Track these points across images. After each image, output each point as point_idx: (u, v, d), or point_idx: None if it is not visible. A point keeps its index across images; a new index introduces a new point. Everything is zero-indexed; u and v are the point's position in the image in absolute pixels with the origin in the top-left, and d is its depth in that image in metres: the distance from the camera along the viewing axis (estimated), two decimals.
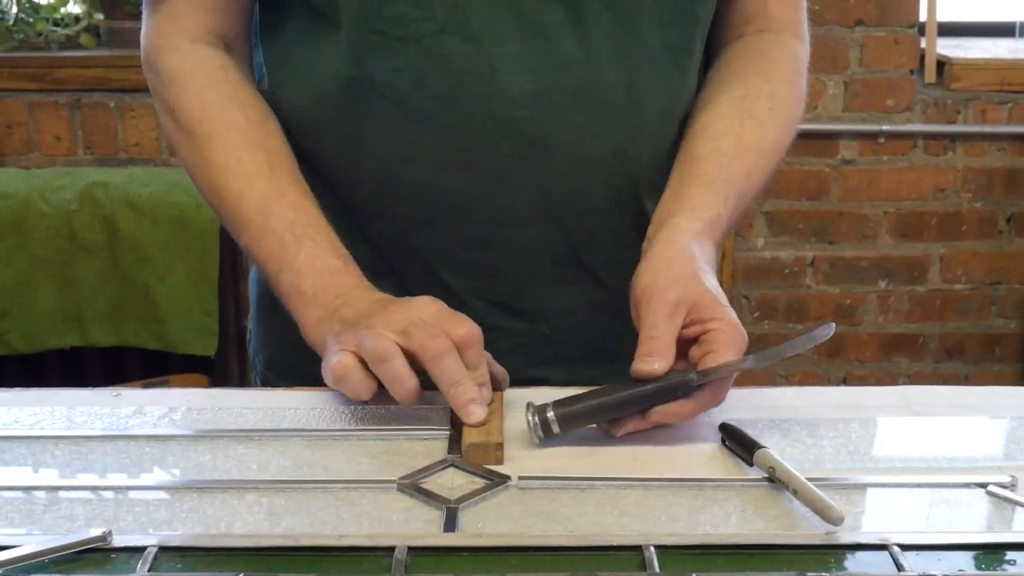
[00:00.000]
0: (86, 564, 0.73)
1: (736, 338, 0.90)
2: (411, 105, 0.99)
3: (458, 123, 0.99)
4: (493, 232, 1.03)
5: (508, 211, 1.02)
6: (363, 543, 0.75)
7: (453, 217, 1.03)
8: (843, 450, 0.91)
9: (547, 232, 1.03)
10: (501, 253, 1.04)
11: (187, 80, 1.02)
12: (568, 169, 1.01)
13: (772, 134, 1.04)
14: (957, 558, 0.75)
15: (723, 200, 0.99)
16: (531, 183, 1.01)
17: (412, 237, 1.04)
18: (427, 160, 1.01)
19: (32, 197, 2.25)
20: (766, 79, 1.06)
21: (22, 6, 2.49)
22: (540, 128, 0.99)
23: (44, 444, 0.90)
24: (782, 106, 1.06)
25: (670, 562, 0.73)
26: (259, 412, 0.96)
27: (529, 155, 1.00)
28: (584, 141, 1.01)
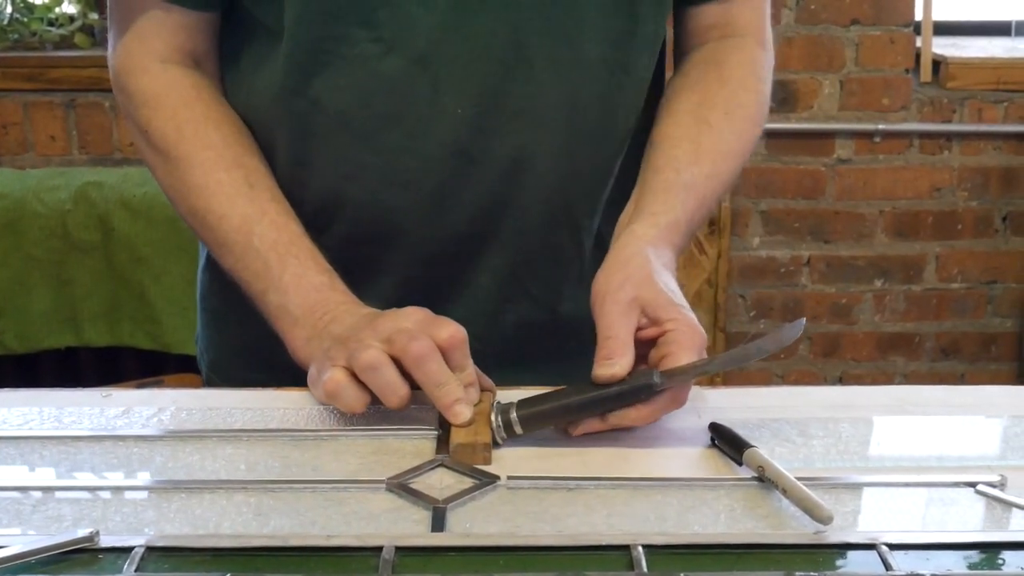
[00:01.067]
0: (73, 564, 0.73)
1: (694, 338, 0.90)
2: (354, 124, 1.00)
3: (400, 143, 1.00)
4: (436, 249, 1.05)
5: (449, 228, 1.04)
6: (351, 543, 0.75)
7: (395, 235, 1.04)
8: (833, 450, 0.91)
9: (487, 247, 1.05)
10: (444, 268, 1.06)
11: (159, 102, 1.02)
12: (507, 186, 1.03)
13: (729, 138, 1.04)
14: (946, 557, 0.75)
15: (680, 204, 0.99)
16: (471, 201, 1.03)
17: (357, 253, 1.05)
18: (369, 179, 1.02)
19: (27, 197, 2.25)
20: (722, 84, 1.07)
21: (16, 6, 2.49)
22: (480, 148, 1.01)
23: (32, 445, 0.90)
24: (740, 111, 1.06)
25: (658, 562, 0.73)
26: (248, 412, 0.96)
27: (468, 172, 1.01)
28: (523, 159, 1.02)
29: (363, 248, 1.05)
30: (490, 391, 0.94)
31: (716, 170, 1.03)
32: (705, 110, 1.05)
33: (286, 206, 1.01)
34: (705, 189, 1.02)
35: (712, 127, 1.04)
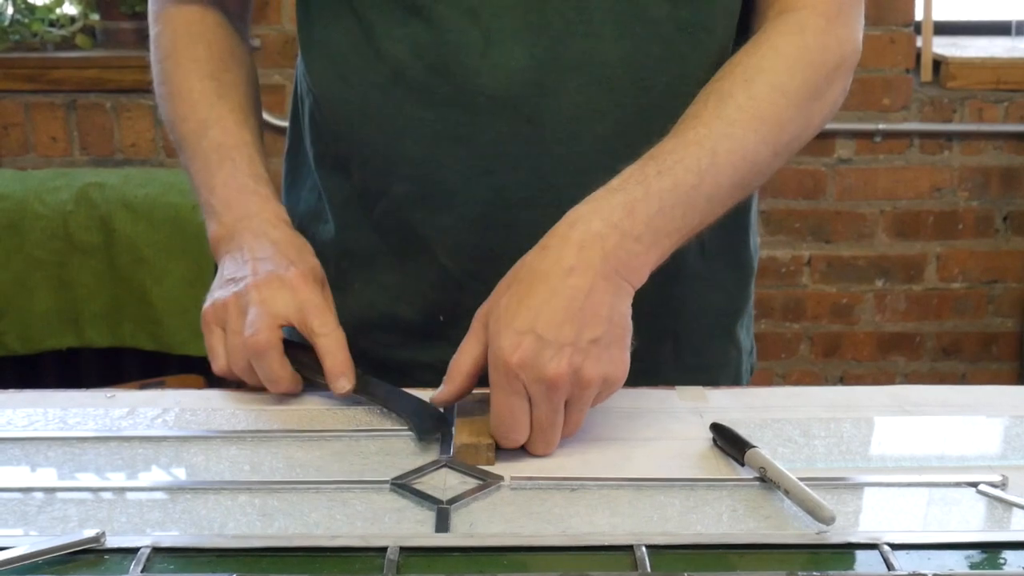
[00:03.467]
0: (80, 565, 0.73)
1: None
2: (408, 75, 0.99)
3: (452, 96, 0.98)
4: (489, 213, 1.00)
5: (504, 191, 1.00)
6: (356, 543, 0.75)
7: (449, 196, 1.01)
8: (835, 450, 0.91)
9: (544, 215, 0.96)
10: (497, 235, 1.01)
11: (169, 21, 1.09)
12: (565, 149, 0.98)
13: (744, 103, 0.93)
14: (947, 557, 0.75)
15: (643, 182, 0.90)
16: (527, 163, 0.99)
17: (411, 217, 1.03)
18: (424, 134, 1.00)
19: (28, 198, 2.25)
20: (749, 54, 0.97)
21: (18, 7, 2.49)
22: (535, 104, 0.97)
23: (37, 445, 0.91)
24: (764, 76, 0.95)
25: (661, 562, 0.74)
26: (252, 413, 0.96)
27: (524, 132, 0.98)
28: (582, 119, 0.98)
29: (418, 212, 1.02)
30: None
31: (715, 138, 0.92)
32: (722, 81, 0.96)
33: (245, 117, 1.06)
34: (689, 154, 0.91)
35: (721, 95, 0.94)
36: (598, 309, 0.85)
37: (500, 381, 0.85)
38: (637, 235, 0.88)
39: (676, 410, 0.98)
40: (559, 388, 0.84)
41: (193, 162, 1.05)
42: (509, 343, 0.84)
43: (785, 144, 0.97)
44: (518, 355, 0.83)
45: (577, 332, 0.84)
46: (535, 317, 0.84)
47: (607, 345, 0.85)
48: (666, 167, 0.90)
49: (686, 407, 0.99)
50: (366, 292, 1.08)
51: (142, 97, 2.47)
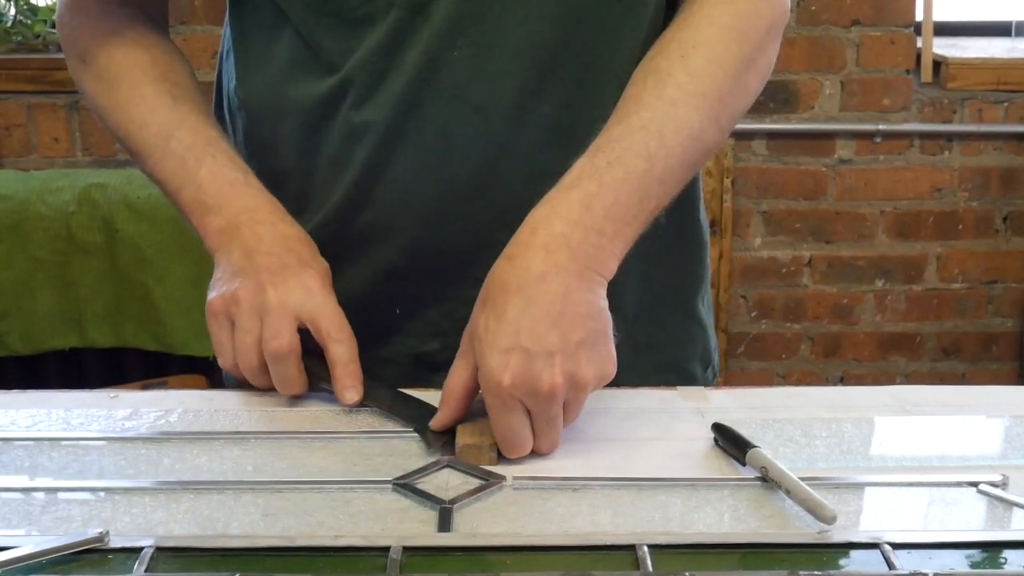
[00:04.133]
0: (83, 565, 0.74)
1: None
2: (357, 83, 0.98)
3: (401, 94, 0.98)
4: (440, 206, 1.00)
5: (455, 183, 0.99)
6: (359, 543, 0.75)
7: (397, 192, 1.00)
8: (836, 449, 0.91)
9: (499, 202, 0.98)
10: (450, 227, 1.00)
11: (97, 31, 1.06)
12: (513, 134, 0.98)
13: (682, 80, 0.92)
14: (948, 557, 0.75)
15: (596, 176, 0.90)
16: (475, 151, 0.98)
17: (357, 219, 1.02)
18: (373, 136, 0.99)
19: (30, 199, 2.25)
20: (681, 28, 0.96)
21: (20, 8, 2.50)
22: (480, 91, 0.97)
23: (41, 446, 0.91)
24: (699, 50, 0.94)
25: (663, 561, 0.74)
26: (255, 414, 0.97)
27: (471, 120, 0.97)
28: (527, 103, 0.98)
29: (368, 213, 1.02)
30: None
31: (655, 117, 0.91)
32: (658, 59, 0.94)
33: (206, 116, 1.04)
34: (636, 139, 0.91)
35: (659, 73, 0.93)
36: (577, 309, 0.85)
37: (495, 403, 0.84)
38: (599, 228, 0.88)
39: (678, 410, 0.99)
40: (556, 397, 0.84)
41: (163, 165, 1.02)
42: (497, 364, 0.83)
43: (727, 117, 0.96)
44: (509, 374, 0.83)
45: (563, 337, 0.84)
46: (517, 331, 0.84)
47: (593, 344, 0.85)
48: (615, 156, 0.90)
49: (687, 407, 0.99)
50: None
51: None
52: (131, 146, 1.05)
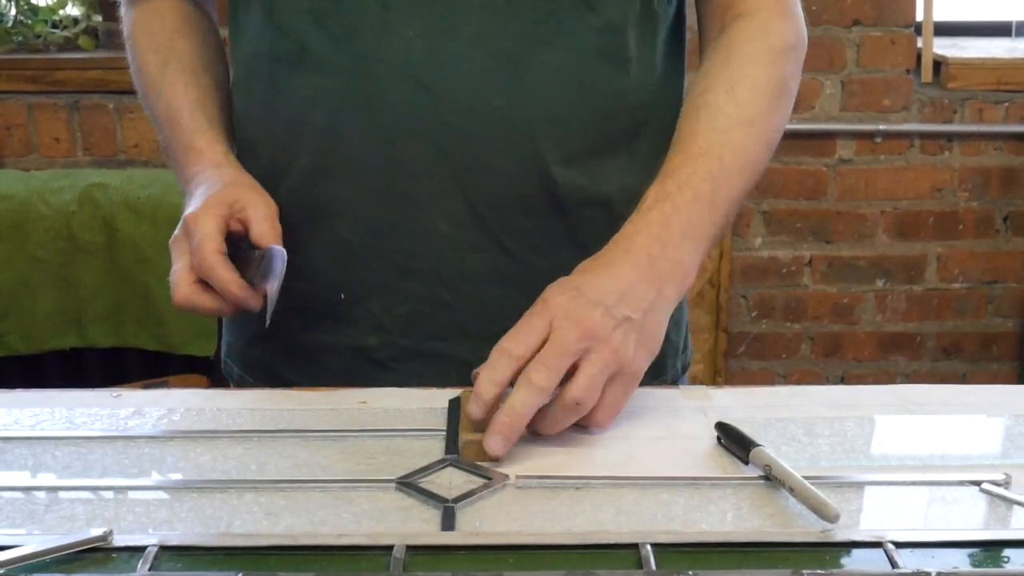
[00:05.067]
0: (87, 564, 0.74)
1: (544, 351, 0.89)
2: (312, 46, 1.01)
3: (353, 65, 1.00)
4: (390, 184, 1.01)
5: (404, 162, 1.01)
6: (362, 542, 0.75)
7: (351, 166, 1.02)
8: (839, 448, 0.92)
9: (444, 188, 1.01)
10: (398, 207, 1.02)
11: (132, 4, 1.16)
12: (462, 120, 0.99)
13: (731, 111, 1.01)
14: (951, 555, 0.75)
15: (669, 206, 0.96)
16: (425, 133, 1.00)
17: (314, 191, 1.04)
18: (328, 104, 1.01)
19: (31, 199, 2.25)
20: (725, 64, 1.04)
21: (21, 8, 2.50)
22: (432, 73, 0.98)
23: (44, 445, 0.91)
24: (745, 82, 1.03)
25: (666, 560, 0.74)
26: (257, 413, 0.97)
27: (422, 102, 0.99)
28: (478, 91, 0.99)
29: (322, 183, 1.04)
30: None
31: (712, 146, 0.99)
32: (707, 95, 1.02)
33: (195, 77, 1.09)
34: (699, 165, 0.98)
35: (710, 108, 1.01)
36: (659, 320, 0.93)
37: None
38: (677, 244, 0.95)
39: (681, 409, 0.99)
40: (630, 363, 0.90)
41: (160, 136, 1.10)
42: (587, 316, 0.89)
43: (772, 138, 1.05)
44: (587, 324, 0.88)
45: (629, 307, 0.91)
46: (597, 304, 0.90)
47: (654, 346, 0.93)
48: (683, 180, 0.97)
49: (690, 406, 0.99)
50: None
51: None
52: (148, 113, 1.13)
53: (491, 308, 1.03)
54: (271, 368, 1.12)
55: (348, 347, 1.04)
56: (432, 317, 1.04)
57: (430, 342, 1.04)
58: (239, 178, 1.01)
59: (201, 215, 0.96)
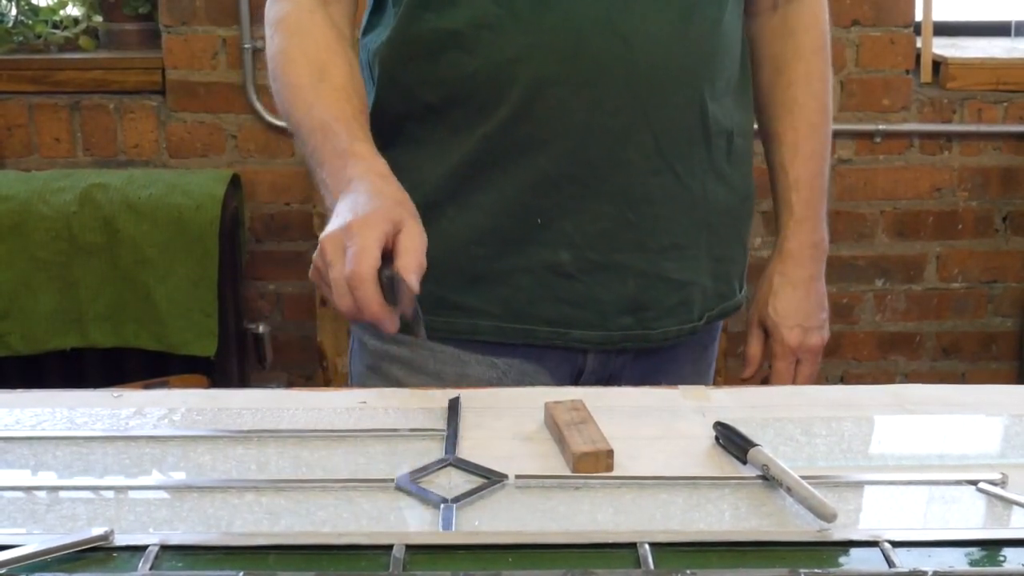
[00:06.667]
0: (88, 563, 0.74)
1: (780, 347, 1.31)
2: (517, 7, 1.10)
3: (558, 23, 1.10)
4: (589, 121, 1.12)
5: (603, 103, 1.12)
6: (362, 541, 0.76)
7: (554, 109, 1.12)
8: (836, 448, 0.92)
9: (635, 122, 1.13)
10: (595, 141, 1.13)
11: (281, 21, 1.18)
12: (651, 64, 1.12)
13: (814, 106, 1.27)
14: (947, 554, 0.76)
15: (798, 202, 1.30)
16: (622, 77, 1.12)
17: (515, 133, 1.13)
18: (535, 59, 1.11)
19: (32, 199, 2.26)
20: (799, 58, 1.27)
21: (21, 8, 2.50)
22: (628, 26, 1.11)
23: (46, 445, 0.91)
24: (816, 74, 1.27)
25: (665, 559, 0.74)
26: (258, 413, 0.97)
27: (620, 50, 1.11)
28: (663, 39, 1.13)
29: (523, 127, 1.12)
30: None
31: (814, 143, 1.28)
32: (792, 90, 1.27)
33: (347, 95, 1.12)
34: (811, 167, 1.28)
35: (799, 104, 1.27)
36: (823, 301, 1.31)
37: (787, 358, 1.29)
38: (823, 234, 1.32)
39: (679, 409, 0.99)
40: (820, 351, 1.30)
41: (307, 144, 1.11)
42: (787, 334, 1.28)
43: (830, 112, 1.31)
44: (795, 340, 1.28)
45: (820, 320, 1.30)
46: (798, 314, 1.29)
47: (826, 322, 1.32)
48: (807, 174, 1.29)
49: (689, 406, 1.00)
50: (462, 215, 1.15)
51: (146, 98, 2.48)
52: (290, 126, 1.16)
53: (663, 225, 1.18)
54: (444, 298, 1.16)
55: (541, 264, 1.15)
56: (618, 233, 1.16)
57: (614, 255, 1.16)
58: (403, 199, 1.04)
59: (368, 226, 0.97)
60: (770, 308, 1.29)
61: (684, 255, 1.20)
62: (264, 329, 2.51)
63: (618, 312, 1.17)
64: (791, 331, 1.27)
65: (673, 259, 1.19)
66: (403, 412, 0.97)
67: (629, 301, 1.18)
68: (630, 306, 1.18)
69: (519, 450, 0.91)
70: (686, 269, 1.20)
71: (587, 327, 1.17)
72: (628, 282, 1.17)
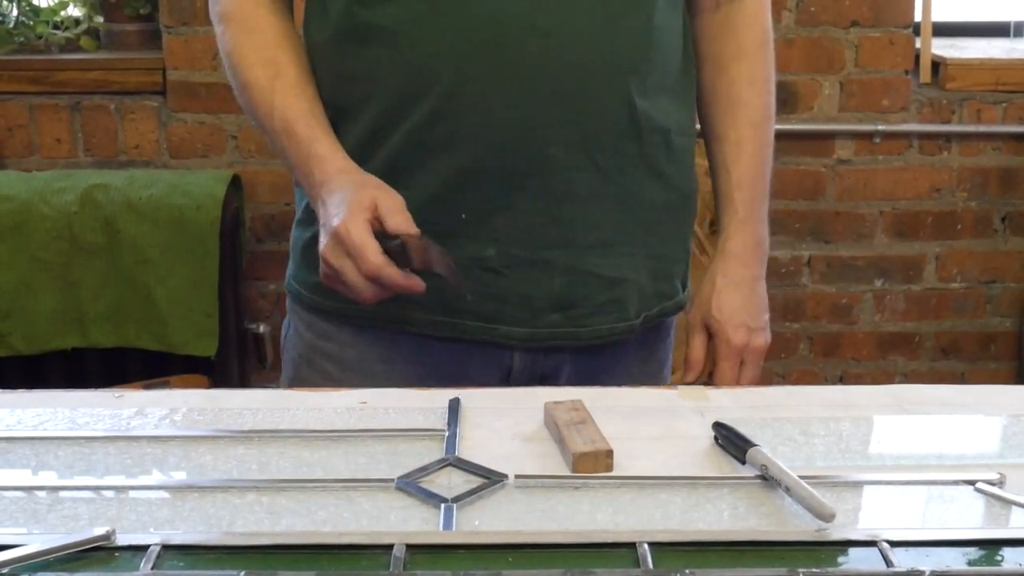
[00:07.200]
0: (90, 562, 0.74)
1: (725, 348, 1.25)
2: (440, 4, 1.11)
3: (482, 20, 1.11)
4: (512, 117, 1.13)
5: (527, 99, 1.12)
6: (362, 541, 0.76)
7: (476, 105, 1.13)
8: (834, 448, 0.92)
9: (559, 118, 1.13)
10: (518, 137, 1.13)
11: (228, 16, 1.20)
12: (576, 59, 1.13)
13: (757, 103, 1.26)
14: (945, 554, 0.76)
15: (741, 202, 1.25)
16: (545, 73, 1.12)
17: (438, 128, 1.14)
18: (455, 56, 1.12)
19: (33, 199, 2.26)
20: (741, 57, 1.26)
21: (22, 9, 2.50)
22: (551, 21, 1.11)
23: (47, 445, 0.92)
24: (758, 72, 1.26)
25: (664, 559, 0.75)
26: (259, 413, 0.97)
27: (543, 46, 1.11)
28: (587, 34, 1.12)
29: (445, 122, 1.13)
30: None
31: (757, 143, 1.26)
32: (734, 89, 1.25)
33: (301, 89, 1.15)
34: (754, 166, 1.25)
35: (741, 103, 1.25)
36: (765, 302, 1.27)
37: (731, 358, 1.23)
38: (765, 233, 1.27)
39: (678, 409, 1.00)
40: (763, 352, 1.25)
41: (275, 144, 1.16)
42: (732, 334, 1.23)
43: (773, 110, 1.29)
44: (740, 340, 1.23)
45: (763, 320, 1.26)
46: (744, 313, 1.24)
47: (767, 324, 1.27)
48: (750, 174, 1.25)
49: (688, 407, 1.00)
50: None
51: (146, 99, 2.48)
52: (256, 125, 1.21)
53: (591, 222, 1.17)
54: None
55: (468, 259, 1.14)
56: (543, 229, 1.16)
57: (540, 251, 1.16)
58: (366, 179, 1.09)
59: (350, 225, 1.02)
60: (714, 308, 1.24)
61: (615, 252, 1.19)
62: (264, 329, 2.52)
63: (546, 309, 1.17)
64: (737, 331, 1.23)
65: (602, 256, 1.18)
66: (403, 412, 0.98)
67: (557, 298, 1.17)
68: (558, 303, 1.17)
69: (519, 450, 0.91)
70: (618, 266, 1.19)
71: (515, 323, 1.17)
72: (555, 278, 1.17)
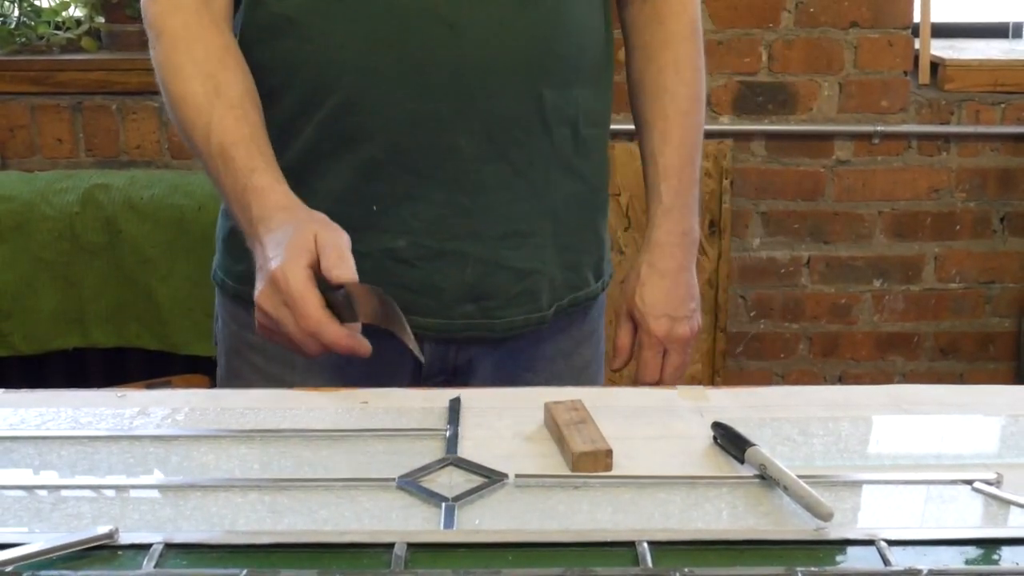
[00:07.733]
0: (93, 561, 0.75)
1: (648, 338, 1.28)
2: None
3: (384, 9, 1.10)
4: (418, 108, 1.12)
5: (431, 90, 1.12)
6: (363, 540, 0.77)
7: (383, 96, 1.12)
8: (833, 448, 0.93)
9: (464, 109, 1.13)
10: (424, 128, 1.13)
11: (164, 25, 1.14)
12: (480, 52, 1.12)
13: (684, 92, 1.27)
14: (943, 553, 0.77)
15: (667, 189, 1.26)
16: (449, 64, 1.12)
17: (347, 120, 1.13)
18: (360, 46, 1.11)
19: (34, 200, 2.26)
20: (666, 46, 1.27)
21: (24, 9, 2.50)
22: (455, 13, 1.11)
23: (50, 444, 0.92)
24: (684, 61, 1.27)
25: (663, 558, 0.75)
26: (260, 413, 0.98)
27: (446, 37, 1.11)
28: (492, 26, 1.12)
29: (354, 114, 1.13)
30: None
31: (683, 131, 1.27)
32: (661, 77, 1.27)
33: (244, 112, 1.10)
34: (681, 155, 1.27)
35: (668, 92, 1.26)
36: (693, 291, 1.28)
37: (654, 348, 1.26)
38: (693, 225, 1.27)
39: (677, 409, 1.00)
40: (689, 343, 1.27)
41: (208, 168, 1.10)
42: (655, 325, 1.25)
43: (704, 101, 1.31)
44: (663, 331, 1.25)
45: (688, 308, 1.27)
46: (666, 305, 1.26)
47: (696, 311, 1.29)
48: (675, 163, 1.26)
49: (687, 406, 1.01)
50: (305, 201, 1.10)
51: (148, 99, 2.48)
52: (186, 142, 1.14)
53: (501, 213, 1.17)
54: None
55: (379, 250, 1.15)
56: (453, 221, 1.16)
57: (450, 242, 1.16)
58: (306, 216, 1.05)
59: (288, 270, 0.98)
60: (637, 298, 1.26)
61: (526, 243, 1.19)
62: None
63: (458, 300, 1.17)
64: (658, 321, 1.24)
65: (513, 247, 1.18)
66: (404, 412, 0.98)
67: (469, 289, 1.17)
68: (470, 294, 1.18)
69: (519, 450, 0.92)
70: (530, 258, 1.19)
71: (426, 314, 1.16)
72: (467, 269, 1.17)
